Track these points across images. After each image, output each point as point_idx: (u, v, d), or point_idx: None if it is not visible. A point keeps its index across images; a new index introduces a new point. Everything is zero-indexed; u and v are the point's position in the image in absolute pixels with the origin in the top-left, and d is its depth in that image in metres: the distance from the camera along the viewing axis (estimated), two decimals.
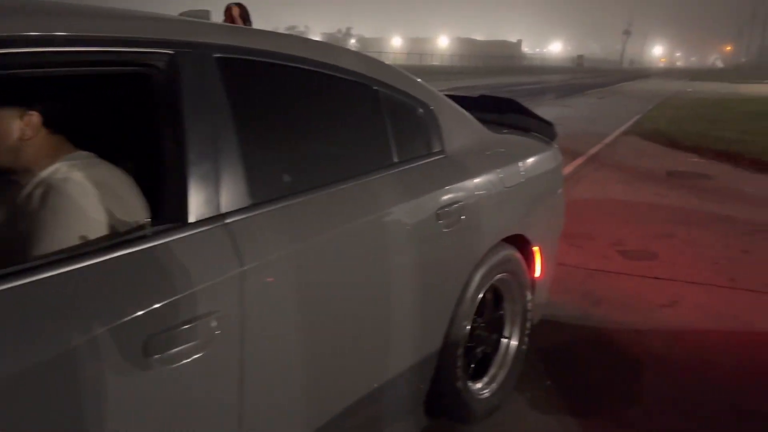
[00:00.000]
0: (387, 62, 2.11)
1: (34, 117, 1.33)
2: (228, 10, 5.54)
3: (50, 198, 1.29)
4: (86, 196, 1.32)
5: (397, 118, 1.96)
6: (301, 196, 1.55)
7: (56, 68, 1.19)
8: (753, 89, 29.58)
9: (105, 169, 1.40)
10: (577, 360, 2.90)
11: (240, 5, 5.46)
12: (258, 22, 5.99)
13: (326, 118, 1.78)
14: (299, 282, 1.49)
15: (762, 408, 2.54)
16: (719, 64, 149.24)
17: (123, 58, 1.29)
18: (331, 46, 1.91)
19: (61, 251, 1.19)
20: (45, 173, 1.34)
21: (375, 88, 1.90)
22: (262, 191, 1.47)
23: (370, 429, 1.87)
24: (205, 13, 1.82)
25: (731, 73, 70.82)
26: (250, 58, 1.55)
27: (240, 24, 5.55)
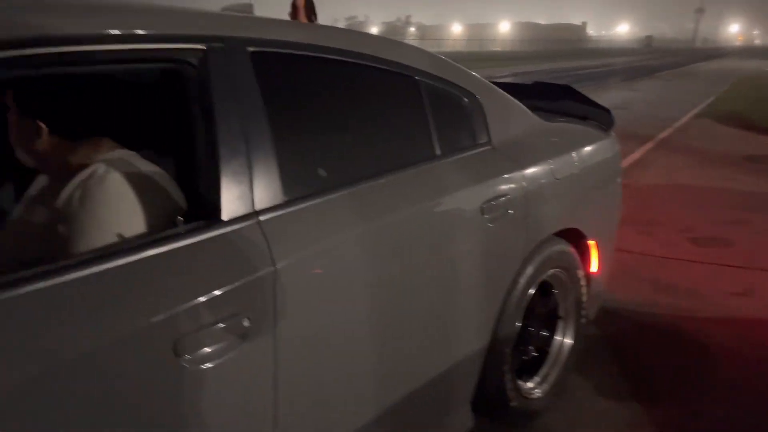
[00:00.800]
0: (445, 50, 2.04)
1: (67, 118, 1.35)
2: (293, 4, 5.59)
3: (87, 199, 1.30)
4: (123, 195, 1.33)
5: (440, 108, 1.88)
6: (336, 192, 1.51)
7: (86, 66, 1.20)
8: None
9: (142, 167, 1.40)
10: (645, 348, 2.81)
11: None
12: (319, 14, 5.99)
13: (364, 110, 1.73)
14: (335, 280, 1.45)
15: None
16: None
17: (154, 55, 1.29)
18: (370, 36, 1.85)
19: (95, 250, 1.19)
20: (84, 173, 1.35)
21: (416, 78, 1.83)
22: (298, 188, 1.44)
23: (414, 429, 1.82)
24: (248, 7, 1.80)
25: None
26: (286, 51, 1.52)
27: (303, 18, 5.56)
